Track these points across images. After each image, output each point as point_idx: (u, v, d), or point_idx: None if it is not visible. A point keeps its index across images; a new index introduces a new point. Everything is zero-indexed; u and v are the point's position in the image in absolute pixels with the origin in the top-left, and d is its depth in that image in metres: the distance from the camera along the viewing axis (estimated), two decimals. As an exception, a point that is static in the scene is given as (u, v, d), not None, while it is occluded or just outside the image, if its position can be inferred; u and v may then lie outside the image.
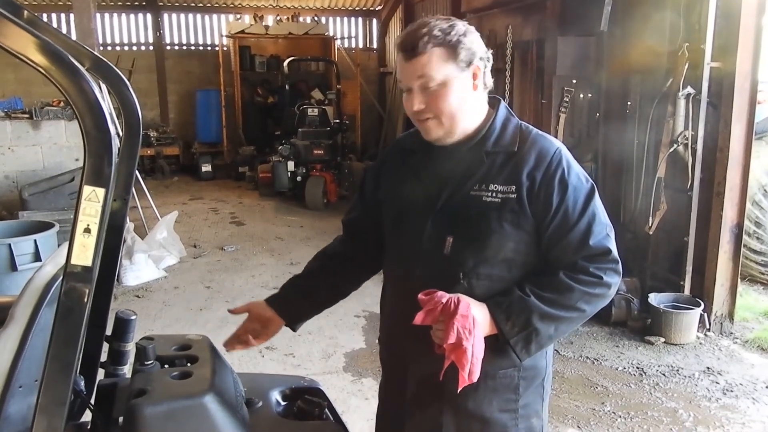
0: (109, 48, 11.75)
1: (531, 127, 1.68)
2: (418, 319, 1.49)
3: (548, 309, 1.54)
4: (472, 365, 1.47)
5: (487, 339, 1.53)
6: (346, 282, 1.93)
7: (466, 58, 1.54)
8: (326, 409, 1.72)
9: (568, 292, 1.55)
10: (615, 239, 1.64)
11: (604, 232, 1.60)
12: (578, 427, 3.38)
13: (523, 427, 1.68)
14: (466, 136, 1.62)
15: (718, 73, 4.31)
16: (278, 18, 11.92)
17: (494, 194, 1.58)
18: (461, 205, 1.61)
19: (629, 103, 4.96)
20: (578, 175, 1.61)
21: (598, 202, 1.61)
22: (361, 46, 13.16)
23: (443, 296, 1.49)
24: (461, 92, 1.56)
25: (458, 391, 1.49)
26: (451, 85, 1.54)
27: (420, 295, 1.52)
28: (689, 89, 4.30)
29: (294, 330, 1.92)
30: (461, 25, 1.55)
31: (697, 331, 4.41)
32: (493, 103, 1.68)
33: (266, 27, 11.61)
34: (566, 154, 1.62)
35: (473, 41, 1.55)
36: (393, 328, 1.83)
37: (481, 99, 1.63)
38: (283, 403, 1.74)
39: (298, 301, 1.90)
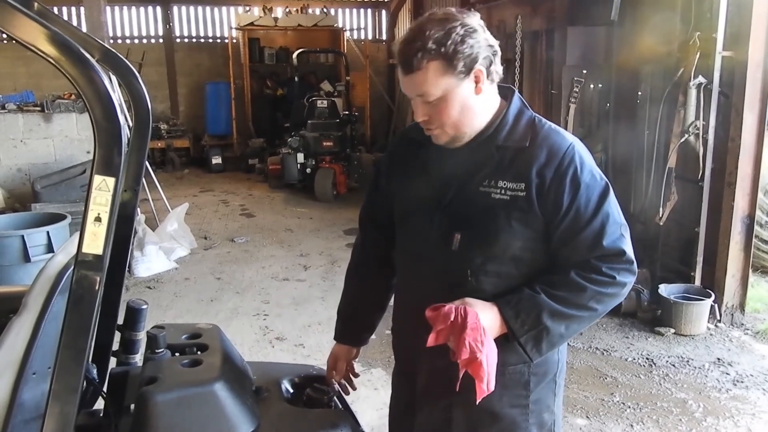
0: (119, 41, 11.79)
1: (545, 120, 1.62)
2: (431, 341, 1.46)
3: (559, 307, 1.51)
4: (489, 375, 1.44)
5: (497, 338, 1.52)
6: (388, 281, 1.92)
7: (466, 66, 1.46)
8: (335, 398, 1.73)
9: (579, 291, 1.52)
10: None
11: (618, 232, 1.55)
12: (587, 417, 3.38)
13: (534, 422, 1.67)
14: (477, 133, 1.59)
15: (729, 62, 4.27)
16: (287, 10, 11.92)
17: (503, 191, 1.54)
18: (469, 202, 1.58)
19: (639, 93, 4.92)
20: (592, 172, 1.55)
21: (612, 201, 1.56)
22: (370, 37, 13.12)
23: (450, 312, 1.45)
24: (463, 101, 1.51)
25: (477, 402, 1.46)
26: (451, 97, 1.49)
27: (427, 312, 1.48)
28: (700, 79, 4.26)
29: (363, 344, 2.02)
30: (459, 28, 1.44)
31: (708, 322, 4.40)
32: (506, 94, 1.63)
33: (275, 19, 11.61)
34: (580, 151, 1.56)
35: (472, 44, 1.45)
36: (403, 322, 1.83)
37: (489, 96, 1.57)
38: (292, 391, 1.75)
39: (357, 327, 1.98)
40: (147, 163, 1.70)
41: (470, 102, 1.52)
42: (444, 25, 1.45)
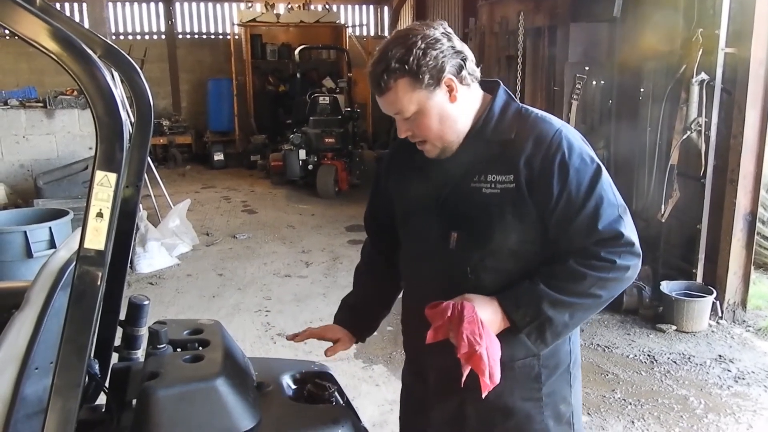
0: (122, 37, 11.81)
1: (532, 109, 1.61)
2: (429, 337, 1.47)
3: (559, 296, 1.49)
4: (491, 368, 1.43)
5: (502, 331, 1.51)
6: (394, 281, 1.90)
7: (433, 78, 1.47)
8: (336, 393, 1.73)
9: (579, 278, 1.50)
10: None
11: (615, 213, 1.51)
12: (588, 414, 3.38)
13: (550, 415, 1.65)
14: (467, 133, 1.58)
15: (732, 59, 4.26)
16: (289, 6, 11.91)
17: (493, 185, 1.53)
18: (463, 199, 1.57)
19: (642, 89, 4.91)
20: (581, 156, 1.52)
21: (606, 183, 1.53)
22: (372, 34, 13.13)
23: (447, 307, 1.46)
24: (440, 111, 1.51)
25: (483, 396, 1.46)
26: (426, 110, 1.50)
27: (426, 310, 1.50)
28: (703, 75, 4.25)
29: (362, 341, 1.98)
30: (420, 42, 1.45)
31: (710, 319, 4.40)
32: (492, 88, 1.62)
33: (277, 15, 11.61)
34: (568, 135, 1.53)
35: (436, 55, 1.45)
36: (409, 321, 1.82)
37: (467, 99, 1.56)
38: (293, 387, 1.75)
39: (357, 321, 1.95)
40: (149, 159, 1.70)
41: (447, 110, 1.52)
42: (405, 42, 1.46)
